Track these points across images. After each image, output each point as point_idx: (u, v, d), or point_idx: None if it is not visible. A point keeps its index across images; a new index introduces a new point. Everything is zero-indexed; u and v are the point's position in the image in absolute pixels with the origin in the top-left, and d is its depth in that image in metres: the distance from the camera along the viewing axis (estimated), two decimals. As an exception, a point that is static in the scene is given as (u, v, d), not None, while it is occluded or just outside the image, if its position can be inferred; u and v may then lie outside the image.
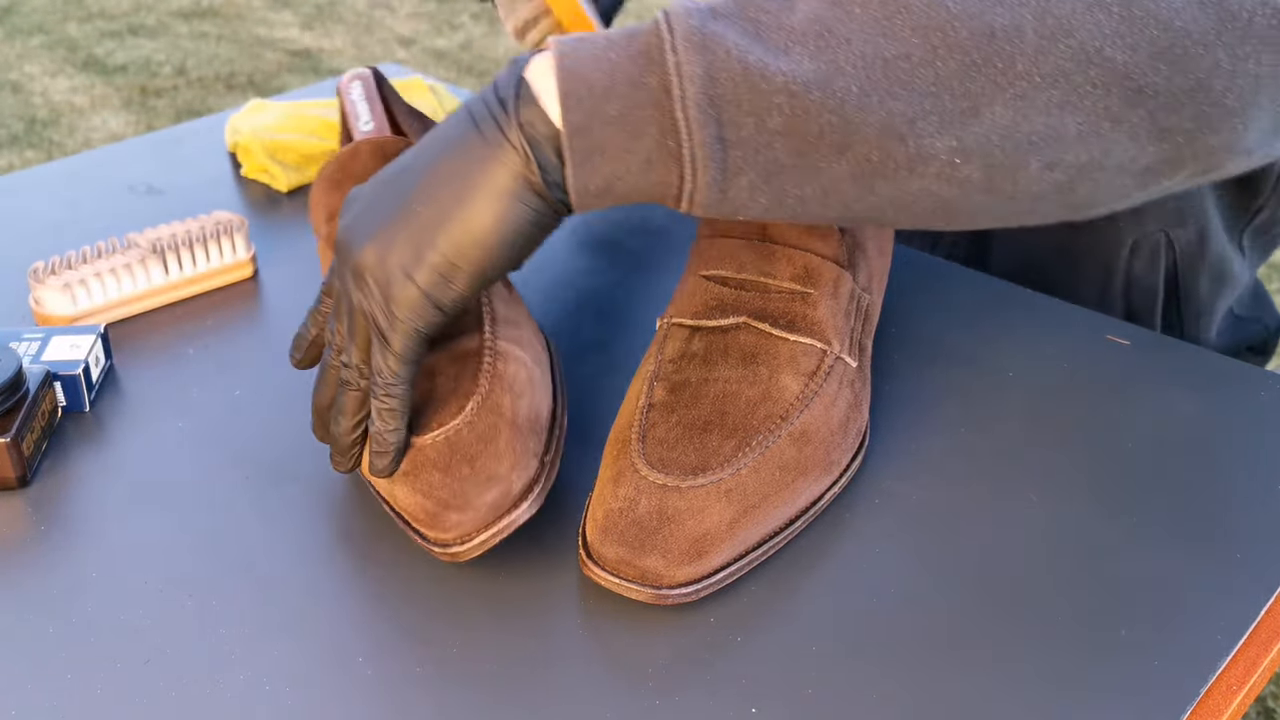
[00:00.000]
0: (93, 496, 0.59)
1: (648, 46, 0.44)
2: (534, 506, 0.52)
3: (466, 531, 0.51)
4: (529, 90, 0.46)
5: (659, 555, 0.50)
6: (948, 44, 0.41)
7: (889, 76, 0.42)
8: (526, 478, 0.53)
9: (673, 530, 0.50)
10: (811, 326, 0.58)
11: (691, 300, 0.60)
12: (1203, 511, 0.58)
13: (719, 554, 0.51)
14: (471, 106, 0.48)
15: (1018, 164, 0.43)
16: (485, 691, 0.48)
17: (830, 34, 0.42)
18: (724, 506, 0.51)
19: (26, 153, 2.79)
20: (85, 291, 0.71)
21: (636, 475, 0.52)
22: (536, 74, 0.46)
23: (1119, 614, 0.52)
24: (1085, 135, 0.42)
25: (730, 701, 0.48)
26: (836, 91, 0.42)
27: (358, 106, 0.78)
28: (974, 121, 0.42)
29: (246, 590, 0.53)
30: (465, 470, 0.51)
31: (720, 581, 0.52)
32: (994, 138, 0.42)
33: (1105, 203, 0.46)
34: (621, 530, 0.51)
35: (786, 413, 0.55)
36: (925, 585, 0.53)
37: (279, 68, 3.31)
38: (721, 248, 0.61)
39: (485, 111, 0.47)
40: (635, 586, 0.50)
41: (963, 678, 0.49)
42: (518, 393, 0.55)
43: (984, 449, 0.62)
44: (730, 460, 0.53)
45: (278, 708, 0.47)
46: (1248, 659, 0.51)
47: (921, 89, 0.42)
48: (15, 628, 0.51)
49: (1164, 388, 0.66)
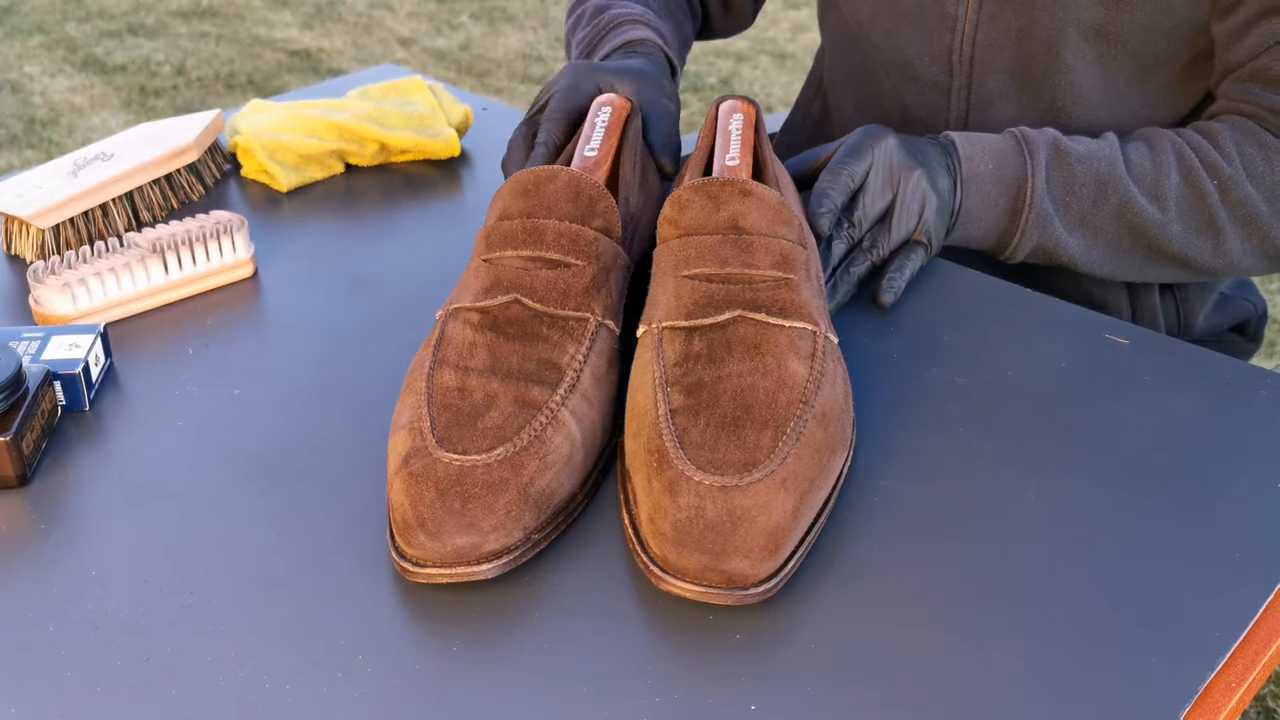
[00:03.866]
0: (92, 495, 0.59)
1: (1018, 193, 0.79)
2: (496, 571, 0.52)
3: (427, 557, 0.52)
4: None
5: (741, 556, 0.50)
6: (1154, 254, 0.81)
7: (1117, 265, 0.82)
8: (503, 543, 0.52)
9: (749, 529, 0.50)
10: (800, 310, 0.59)
11: (680, 301, 0.59)
12: (1202, 509, 0.58)
13: (789, 543, 0.52)
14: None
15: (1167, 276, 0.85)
16: (484, 690, 0.48)
17: (1094, 233, 0.80)
18: (785, 496, 0.52)
19: (26, 153, 2.79)
20: (85, 291, 0.71)
21: (691, 482, 0.51)
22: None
23: (1118, 612, 0.52)
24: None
25: (729, 698, 0.48)
26: (1090, 263, 0.82)
27: (595, 130, 0.75)
28: (1153, 273, 0.84)
29: (246, 589, 0.53)
30: (456, 505, 0.52)
31: (790, 572, 0.52)
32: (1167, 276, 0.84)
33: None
34: (698, 538, 0.50)
35: (805, 396, 0.56)
36: (924, 583, 0.53)
37: (278, 68, 3.31)
38: (698, 245, 0.60)
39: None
40: (720, 592, 0.51)
41: (962, 675, 0.49)
42: (547, 465, 0.54)
43: (983, 448, 0.62)
44: (774, 451, 0.53)
45: (277, 706, 0.47)
46: (1246, 656, 0.51)
47: (1137, 270, 0.83)
48: (15, 626, 0.51)
49: (1164, 387, 0.66)
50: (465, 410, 0.56)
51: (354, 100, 0.95)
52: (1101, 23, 0.82)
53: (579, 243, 0.62)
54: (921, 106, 0.92)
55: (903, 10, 0.89)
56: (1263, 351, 2.04)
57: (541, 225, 0.63)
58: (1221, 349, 0.96)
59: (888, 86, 0.94)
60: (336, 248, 0.82)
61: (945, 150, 0.79)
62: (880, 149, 0.75)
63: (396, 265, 0.79)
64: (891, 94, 0.94)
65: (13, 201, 0.78)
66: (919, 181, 0.75)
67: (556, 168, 0.65)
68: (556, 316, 0.60)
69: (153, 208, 0.85)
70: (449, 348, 0.59)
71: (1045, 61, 0.84)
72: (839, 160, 0.75)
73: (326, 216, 0.86)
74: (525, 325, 0.60)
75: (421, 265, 0.79)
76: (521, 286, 0.61)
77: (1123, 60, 0.83)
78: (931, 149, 0.78)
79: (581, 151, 0.73)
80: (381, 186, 0.90)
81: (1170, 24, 0.81)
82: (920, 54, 0.90)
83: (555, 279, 0.61)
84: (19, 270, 0.79)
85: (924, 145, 0.78)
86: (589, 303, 0.61)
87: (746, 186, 0.62)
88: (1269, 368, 1.01)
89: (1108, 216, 0.78)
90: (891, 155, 0.75)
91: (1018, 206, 0.78)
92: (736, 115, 0.75)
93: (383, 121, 0.92)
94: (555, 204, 0.64)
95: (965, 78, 0.88)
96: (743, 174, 0.69)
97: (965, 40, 0.87)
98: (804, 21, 3.66)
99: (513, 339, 0.59)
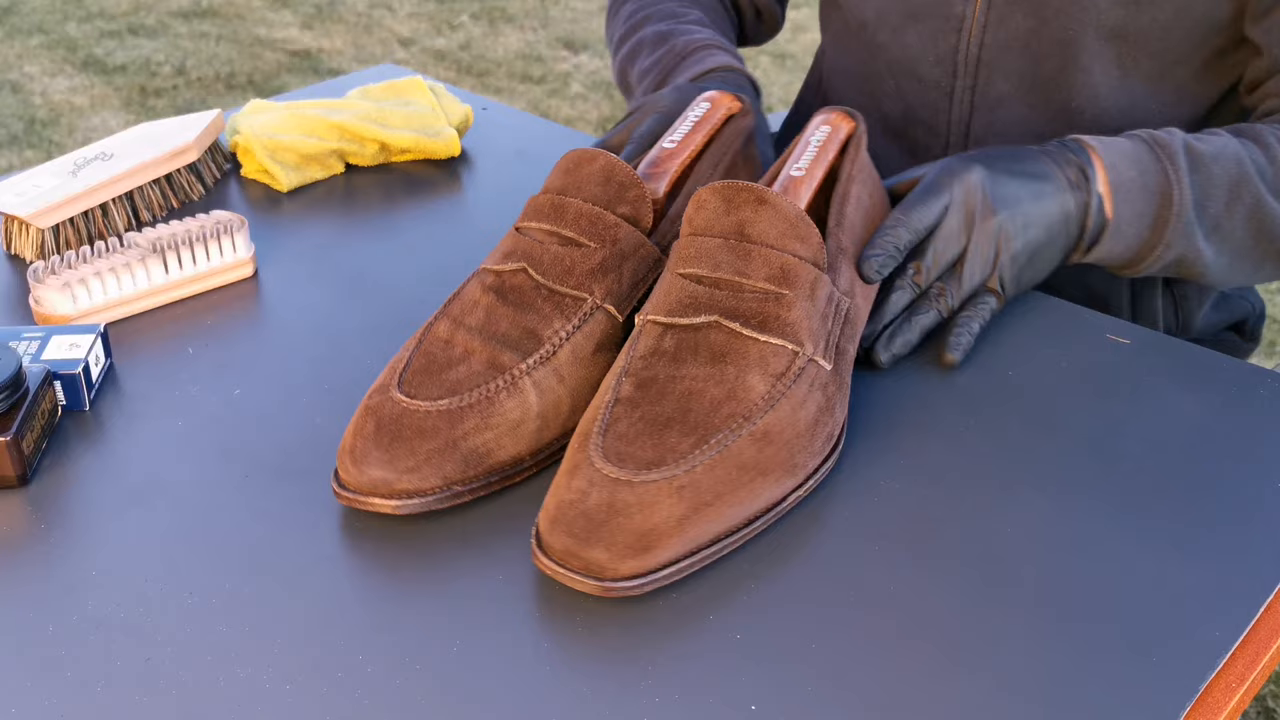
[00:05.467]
0: (92, 495, 0.59)
1: (1164, 201, 0.73)
2: (405, 510, 0.55)
3: (349, 482, 0.56)
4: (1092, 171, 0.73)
5: (603, 548, 0.51)
6: (1275, 255, 0.77)
7: (1237, 270, 0.78)
8: (415, 485, 0.55)
9: (620, 523, 0.51)
10: (784, 327, 0.57)
11: (667, 298, 0.59)
12: (1202, 509, 0.58)
13: (666, 550, 0.51)
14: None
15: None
16: (484, 690, 0.48)
17: (1224, 238, 0.75)
18: (674, 502, 0.52)
19: (26, 153, 2.79)
20: (85, 291, 0.71)
21: (591, 468, 0.53)
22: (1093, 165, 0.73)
23: (1118, 612, 0.52)
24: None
25: (730, 699, 0.48)
26: (1218, 271, 0.77)
27: (684, 123, 0.74)
28: (1264, 274, 0.80)
29: (246, 589, 0.53)
30: (384, 441, 0.55)
31: (669, 577, 0.52)
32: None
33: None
34: (570, 521, 0.51)
35: (750, 412, 0.55)
36: (924, 585, 0.53)
37: (278, 68, 3.31)
38: (699, 246, 0.60)
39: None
40: (579, 577, 0.51)
41: (962, 676, 0.49)
42: (488, 425, 0.57)
43: (983, 449, 0.62)
44: (685, 457, 0.53)
45: (277, 706, 0.47)
46: (1247, 656, 0.51)
47: (1250, 273, 0.79)
48: (15, 626, 0.51)
49: (1164, 386, 0.66)
50: (440, 361, 0.59)
51: (354, 100, 0.95)
52: (1121, 23, 0.81)
53: (597, 225, 0.63)
54: (924, 107, 0.91)
55: (910, 9, 0.89)
56: (1262, 351, 2.04)
57: (566, 203, 0.64)
58: (1219, 348, 0.96)
59: (890, 87, 0.93)
60: (337, 248, 0.82)
61: (1074, 162, 0.72)
62: (961, 186, 0.69)
63: (397, 265, 0.79)
64: (894, 94, 0.93)
65: (13, 201, 0.78)
66: (1001, 225, 0.69)
67: (597, 150, 0.66)
68: (554, 291, 0.62)
69: (153, 207, 0.85)
70: (457, 302, 0.63)
71: (1058, 63, 0.84)
72: (913, 199, 0.69)
73: (327, 216, 0.86)
74: (524, 294, 0.62)
75: (422, 265, 0.79)
76: (531, 258, 0.63)
77: (1141, 60, 0.83)
78: (1046, 166, 0.72)
79: (661, 142, 0.73)
80: (382, 186, 0.90)
81: (1190, 23, 0.81)
82: (925, 54, 0.89)
83: (563, 255, 0.63)
84: (19, 270, 0.79)
85: (1031, 164, 0.72)
86: (590, 284, 0.62)
87: (763, 195, 0.60)
88: (1269, 367, 1.01)
89: (1240, 220, 0.74)
90: (974, 193, 0.69)
91: (1164, 216, 0.72)
92: (823, 127, 0.72)
93: (383, 121, 0.92)
94: (585, 185, 0.65)
95: (970, 79, 0.88)
96: (805, 185, 0.67)
97: (972, 41, 0.86)
98: (804, 21, 3.66)
99: (509, 305, 0.61)
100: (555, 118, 3.00)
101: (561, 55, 3.44)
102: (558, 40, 3.55)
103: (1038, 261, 0.72)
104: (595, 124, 3.00)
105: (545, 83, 3.25)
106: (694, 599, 0.53)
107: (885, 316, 0.68)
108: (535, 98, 3.15)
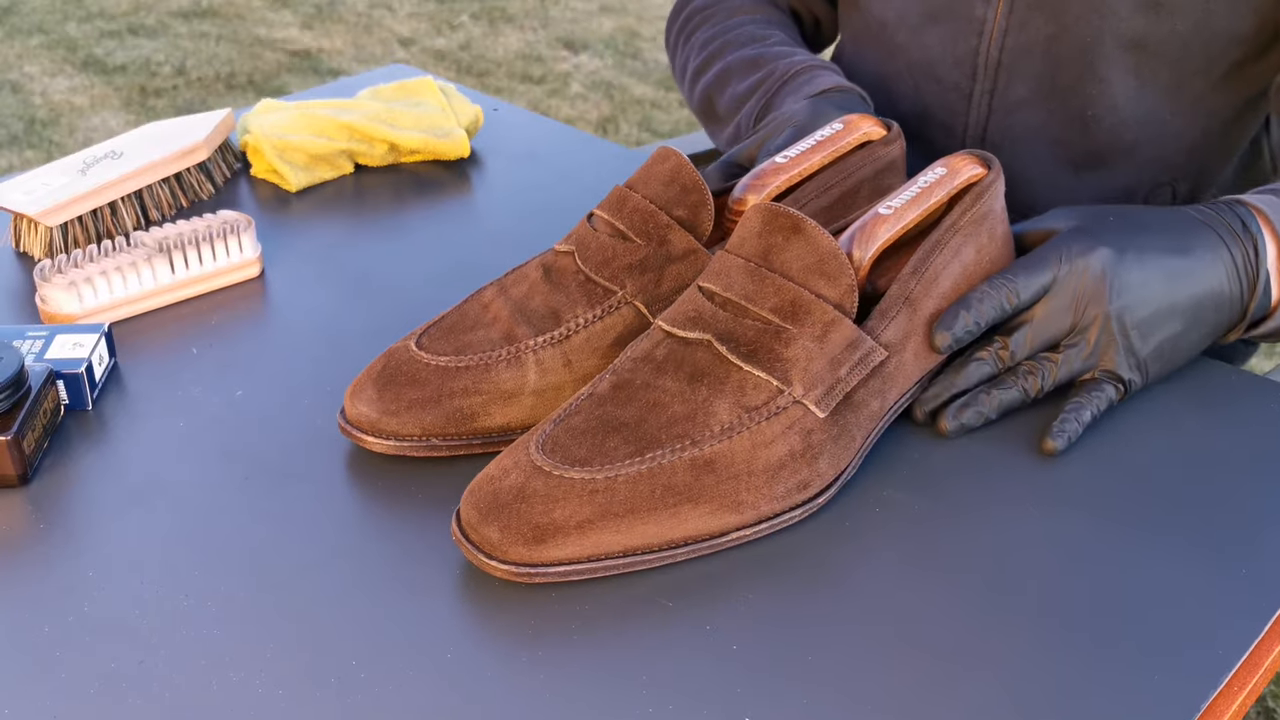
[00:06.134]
0: (93, 495, 0.58)
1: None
2: (378, 447, 0.59)
3: (345, 412, 0.60)
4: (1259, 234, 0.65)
5: (499, 528, 0.51)
6: None
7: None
8: (393, 429, 0.58)
9: (520, 509, 0.51)
10: (774, 362, 0.55)
11: (679, 307, 0.59)
12: (1207, 521, 0.57)
13: (560, 547, 0.51)
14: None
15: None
16: (480, 695, 0.47)
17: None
18: (582, 504, 0.51)
19: (26, 153, 2.78)
20: (91, 290, 0.71)
21: (523, 451, 0.53)
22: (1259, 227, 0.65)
23: (1122, 626, 0.51)
24: None
25: (725, 710, 0.47)
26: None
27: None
28: None
29: (244, 591, 0.52)
30: (382, 382, 0.59)
31: (563, 575, 0.52)
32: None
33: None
34: (480, 495, 0.52)
35: (700, 437, 0.54)
36: (925, 596, 0.53)
37: (279, 68, 3.31)
38: (725, 263, 0.59)
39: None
40: (473, 550, 0.52)
41: (965, 688, 0.48)
42: (478, 389, 0.59)
43: (986, 458, 0.61)
44: (614, 464, 0.52)
45: (272, 709, 0.47)
46: (1250, 663, 0.50)
47: None
48: (11, 627, 0.50)
49: (1170, 398, 0.66)
50: (468, 321, 0.62)
51: (364, 100, 0.95)
52: (1141, 33, 0.81)
53: (649, 223, 0.64)
54: (941, 109, 0.91)
55: (931, 10, 0.88)
56: (1262, 352, 2.03)
57: (629, 197, 0.65)
58: (1219, 349, 0.96)
59: (909, 88, 0.93)
60: (344, 248, 0.81)
61: (1236, 232, 0.64)
62: (1073, 267, 0.61)
63: (405, 266, 0.78)
64: (912, 95, 0.93)
65: (21, 199, 0.77)
66: (1120, 315, 0.62)
67: (672, 150, 0.66)
68: (589, 279, 0.63)
69: (162, 207, 0.84)
70: (513, 273, 0.65)
71: (1077, 70, 0.84)
72: (1018, 267, 0.62)
73: (335, 217, 0.85)
74: (565, 277, 0.63)
75: (431, 266, 0.78)
76: (582, 244, 0.64)
77: (1159, 71, 0.82)
78: (1197, 240, 0.64)
79: (775, 156, 0.69)
80: (391, 187, 0.90)
81: (1209, 35, 0.80)
82: (945, 56, 0.89)
83: (608, 246, 0.63)
84: (26, 268, 0.78)
85: (1179, 238, 0.63)
86: (624, 278, 0.62)
87: (799, 224, 0.57)
88: (1268, 369, 1.00)
89: None
90: (1089, 275, 0.61)
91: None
92: (939, 168, 0.64)
93: (393, 122, 0.92)
94: (650, 183, 0.65)
95: (989, 82, 0.87)
96: (886, 226, 0.60)
97: (993, 45, 0.86)
98: (806, 26, 3.66)
99: (550, 284, 0.63)
100: (555, 118, 2.99)
101: (561, 55, 3.44)
102: (558, 40, 3.55)
103: (1171, 353, 0.64)
104: (595, 124, 3.00)
105: (545, 83, 3.25)
106: (690, 609, 0.52)
107: (958, 385, 0.62)
108: (535, 98, 3.15)
